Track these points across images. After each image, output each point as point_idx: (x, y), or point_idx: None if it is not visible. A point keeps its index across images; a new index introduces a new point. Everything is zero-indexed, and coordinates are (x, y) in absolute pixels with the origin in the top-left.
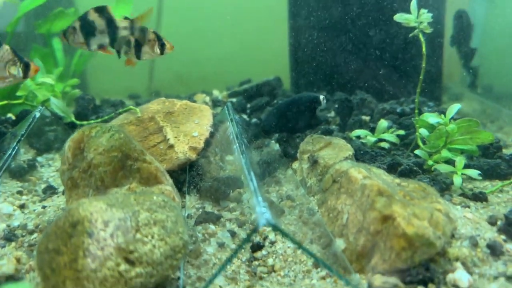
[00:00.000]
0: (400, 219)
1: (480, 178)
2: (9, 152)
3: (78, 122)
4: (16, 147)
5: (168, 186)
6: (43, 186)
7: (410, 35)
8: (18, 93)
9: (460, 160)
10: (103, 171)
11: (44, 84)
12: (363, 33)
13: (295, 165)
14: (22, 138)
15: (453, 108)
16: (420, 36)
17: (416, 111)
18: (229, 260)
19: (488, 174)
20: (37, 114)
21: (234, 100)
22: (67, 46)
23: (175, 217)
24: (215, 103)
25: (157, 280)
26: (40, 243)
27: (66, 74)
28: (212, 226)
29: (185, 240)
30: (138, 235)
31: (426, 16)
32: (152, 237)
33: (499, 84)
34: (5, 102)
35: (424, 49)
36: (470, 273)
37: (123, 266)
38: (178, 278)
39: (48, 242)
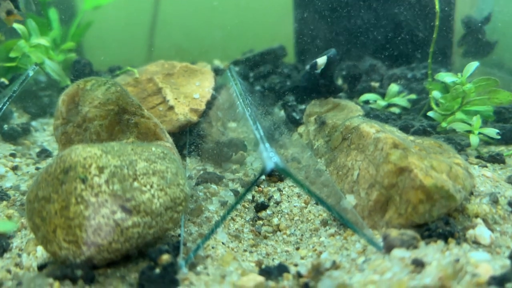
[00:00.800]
0: (417, 170)
1: (499, 137)
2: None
3: None
4: (7, 103)
5: (167, 143)
6: (37, 150)
7: None
8: (11, 54)
9: (477, 119)
10: (98, 125)
11: (38, 46)
12: (371, 3)
13: (301, 130)
14: (15, 94)
15: (471, 67)
16: None
17: (429, 72)
18: (236, 203)
19: (504, 138)
20: (31, 73)
21: (236, 68)
22: (66, 17)
23: (176, 169)
24: (216, 72)
25: (156, 233)
26: (30, 191)
27: (62, 44)
28: (214, 186)
29: (186, 192)
30: (136, 184)
31: None
32: (151, 186)
33: (510, 60)
34: None
35: (437, 5)
36: (491, 230)
37: (119, 215)
38: (179, 235)
39: (38, 190)
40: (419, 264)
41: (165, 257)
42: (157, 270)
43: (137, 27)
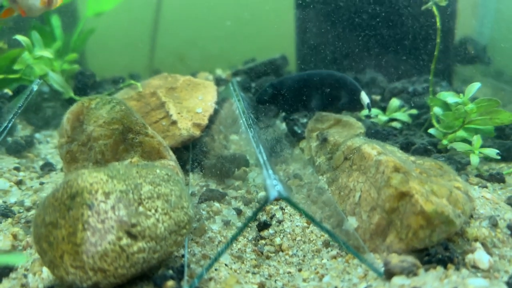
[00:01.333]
0: (418, 196)
1: (499, 157)
2: (5, 124)
3: (77, 98)
4: (13, 119)
5: (171, 161)
6: (40, 163)
7: (423, 7)
8: (15, 67)
9: (478, 139)
10: (103, 144)
11: (42, 58)
12: (372, 12)
13: (302, 144)
14: (19, 111)
15: (473, 87)
16: (434, 9)
17: (431, 89)
18: (240, 231)
19: (505, 156)
20: (35, 87)
21: (238, 79)
22: (65, 24)
23: (179, 191)
24: (218, 82)
25: (160, 256)
26: (37, 215)
27: (65, 53)
28: (216, 204)
29: (190, 215)
30: (141, 208)
31: None
32: (156, 210)
33: (510, 69)
34: (1, 76)
35: (438, 23)
36: (490, 254)
37: (125, 240)
38: (182, 256)
39: (45, 214)
40: None
41: (170, 284)
42: None
43: (138, 34)
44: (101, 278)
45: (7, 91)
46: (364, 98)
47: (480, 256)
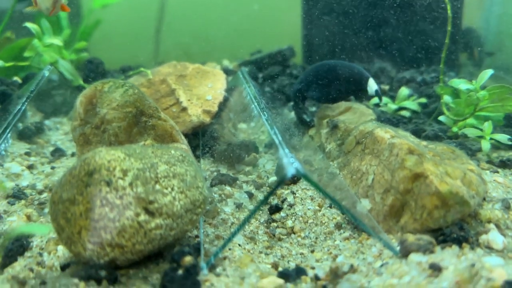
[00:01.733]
0: (432, 176)
1: (510, 143)
2: (19, 107)
3: (87, 86)
4: (26, 103)
5: (183, 145)
6: (51, 148)
7: None
8: (26, 54)
9: (489, 125)
10: (117, 127)
11: (52, 46)
12: (378, 3)
13: (312, 132)
14: (32, 95)
15: (485, 74)
16: None
17: (441, 77)
18: (258, 207)
19: None
20: (46, 73)
21: (246, 69)
22: (72, 15)
23: (194, 171)
24: (226, 72)
25: (176, 234)
26: (54, 193)
27: (72, 43)
28: (228, 188)
29: (204, 195)
30: (158, 186)
31: None
32: (172, 189)
33: None
34: (12, 63)
35: (449, 11)
36: (504, 235)
37: (143, 217)
38: (196, 236)
39: (62, 192)
40: (436, 269)
41: (188, 259)
42: (180, 272)
43: (143, 26)
44: (118, 254)
45: (17, 79)
46: (372, 85)
47: (494, 237)
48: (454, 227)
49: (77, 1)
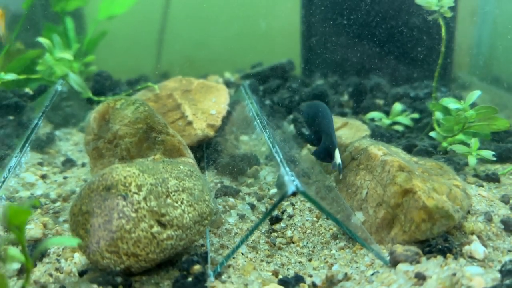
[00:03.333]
0: (420, 192)
1: (494, 158)
2: (36, 122)
3: (95, 98)
4: (42, 118)
5: (190, 159)
6: (62, 158)
7: (430, 17)
8: (38, 68)
9: (475, 141)
10: (128, 142)
11: (62, 60)
12: (376, 20)
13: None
14: (47, 110)
15: (473, 95)
16: (440, 20)
17: (433, 95)
18: (262, 220)
19: (500, 157)
20: (59, 88)
21: (247, 82)
22: (78, 26)
23: (201, 186)
24: (227, 85)
25: (185, 244)
26: (74, 205)
27: (78, 55)
28: (231, 199)
29: (211, 207)
30: (169, 200)
31: (447, 0)
32: (182, 202)
33: (508, 75)
34: (24, 76)
35: (443, 33)
36: (485, 246)
37: (156, 228)
38: (202, 245)
39: (81, 204)
40: (421, 278)
41: (197, 267)
42: (190, 279)
43: (146, 37)
44: (133, 262)
45: (28, 90)
46: (337, 157)
47: (476, 248)
48: (440, 239)
49: (81, 12)
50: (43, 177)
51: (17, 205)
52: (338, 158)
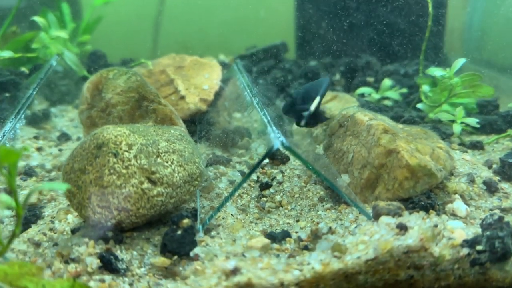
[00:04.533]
0: (404, 152)
1: (478, 125)
2: (31, 92)
3: (90, 76)
4: (36, 89)
5: (182, 128)
6: (57, 133)
7: None
8: (33, 46)
9: (460, 110)
10: (121, 110)
11: (58, 39)
12: (369, 2)
13: None
14: (42, 82)
15: (458, 62)
16: None
17: (421, 67)
18: (249, 175)
19: (485, 128)
20: (54, 63)
21: (241, 63)
22: (74, 12)
23: (191, 149)
24: (222, 66)
25: (175, 202)
26: (66, 164)
27: (75, 39)
28: (222, 167)
29: (201, 169)
30: (159, 160)
31: None
32: (172, 162)
33: (499, 58)
34: (20, 54)
35: (430, 8)
36: (467, 205)
37: (146, 185)
38: (193, 208)
39: (73, 163)
40: (403, 228)
41: (186, 221)
42: (179, 232)
43: (142, 22)
44: (124, 217)
45: (24, 69)
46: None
47: (458, 206)
48: (423, 196)
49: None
50: (39, 149)
51: (7, 147)
52: (313, 105)
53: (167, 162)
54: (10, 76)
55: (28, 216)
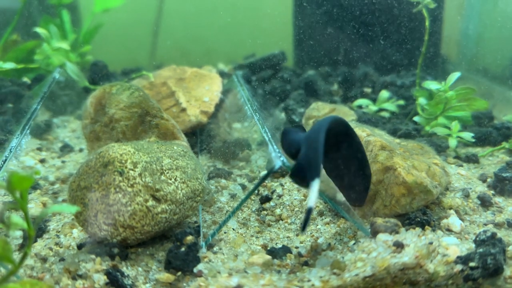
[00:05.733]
0: (400, 169)
1: (473, 140)
2: (35, 106)
3: (92, 87)
4: (41, 103)
5: (184, 142)
6: (59, 145)
7: (414, 10)
8: (36, 57)
9: (456, 124)
10: (124, 125)
11: (59, 50)
12: (368, 12)
13: None
14: (46, 95)
15: (453, 76)
16: (424, 11)
17: (417, 81)
18: (250, 193)
19: (480, 141)
20: (57, 75)
21: (240, 72)
22: (74, 19)
23: (194, 165)
24: (221, 75)
25: (179, 218)
26: (72, 181)
27: (75, 46)
28: (223, 180)
29: (203, 185)
30: (163, 177)
31: None
32: (175, 179)
33: (494, 66)
34: (22, 65)
35: (427, 23)
36: (462, 220)
37: (151, 202)
38: (195, 222)
39: (79, 180)
40: (399, 246)
41: (189, 238)
42: (182, 249)
43: (142, 29)
44: (129, 234)
45: (26, 79)
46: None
47: (453, 221)
48: (419, 212)
49: (77, 5)
50: (42, 161)
51: (20, 173)
52: (312, 199)
53: (170, 179)
54: (12, 86)
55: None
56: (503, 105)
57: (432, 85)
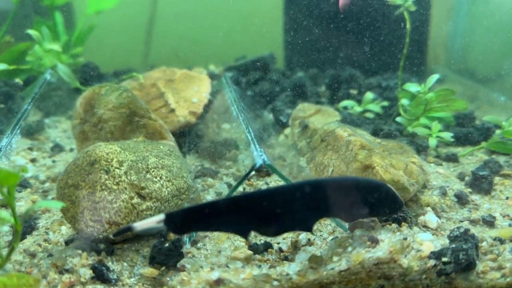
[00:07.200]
0: (378, 167)
1: (453, 140)
2: (26, 107)
3: (83, 88)
4: (31, 103)
5: (171, 142)
6: (51, 144)
7: (396, 12)
8: (28, 58)
9: (436, 124)
10: (112, 125)
11: (51, 51)
12: (354, 15)
13: (287, 131)
14: (36, 96)
15: (432, 78)
16: (405, 13)
17: (399, 82)
18: (231, 192)
19: (461, 141)
20: (48, 77)
21: (230, 74)
22: (67, 21)
23: (180, 164)
24: (211, 77)
25: None
26: (60, 180)
27: (68, 48)
28: (210, 179)
29: (188, 184)
30: (148, 175)
31: None
32: (161, 178)
33: (481, 69)
34: (14, 66)
35: (408, 25)
36: (439, 217)
37: (136, 200)
38: None
39: (67, 178)
40: (374, 241)
41: (173, 235)
42: (167, 245)
43: (134, 31)
44: (115, 230)
45: (18, 80)
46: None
47: (430, 218)
48: None
49: (70, 7)
50: (33, 160)
51: (7, 169)
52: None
53: (156, 177)
54: (4, 87)
55: (24, 227)
56: (488, 106)
57: (412, 87)
